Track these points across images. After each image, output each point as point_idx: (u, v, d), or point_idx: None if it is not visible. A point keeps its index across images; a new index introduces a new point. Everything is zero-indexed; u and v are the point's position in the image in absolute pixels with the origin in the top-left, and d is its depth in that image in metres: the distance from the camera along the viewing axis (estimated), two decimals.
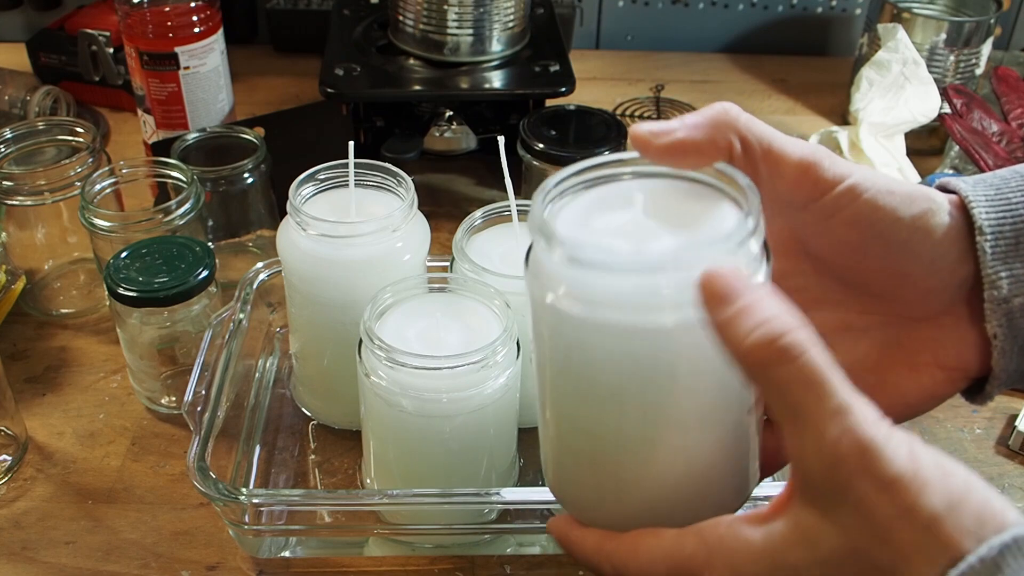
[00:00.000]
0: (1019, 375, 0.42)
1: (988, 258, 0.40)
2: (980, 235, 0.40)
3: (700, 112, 0.40)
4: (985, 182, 0.42)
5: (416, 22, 0.89)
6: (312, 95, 1.07)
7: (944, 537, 0.31)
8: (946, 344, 0.43)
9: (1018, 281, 0.40)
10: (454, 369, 0.53)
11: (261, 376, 0.72)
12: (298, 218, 0.60)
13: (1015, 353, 0.41)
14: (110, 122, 1.05)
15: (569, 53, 0.95)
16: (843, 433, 0.32)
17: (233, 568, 0.59)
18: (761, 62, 1.24)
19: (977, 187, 0.41)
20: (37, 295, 0.80)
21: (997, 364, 0.41)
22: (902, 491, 0.31)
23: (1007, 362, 0.41)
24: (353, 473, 0.66)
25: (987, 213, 0.40)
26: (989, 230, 0.40)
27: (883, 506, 0.31)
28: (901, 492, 0.31)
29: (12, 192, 0.75)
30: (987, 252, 0.40)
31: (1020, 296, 0.40)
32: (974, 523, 0.31)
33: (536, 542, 0.61)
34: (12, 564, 0.59)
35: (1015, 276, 0.40)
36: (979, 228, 0.40)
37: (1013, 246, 0.40)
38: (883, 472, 0.31)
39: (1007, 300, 0.40)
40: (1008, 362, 0.41)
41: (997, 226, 0.40)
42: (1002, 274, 0.40)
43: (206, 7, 0.86)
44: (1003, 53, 1.20)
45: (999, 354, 0.41)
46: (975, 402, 0.44)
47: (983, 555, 0.30)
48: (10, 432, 0.66)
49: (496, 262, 0.62)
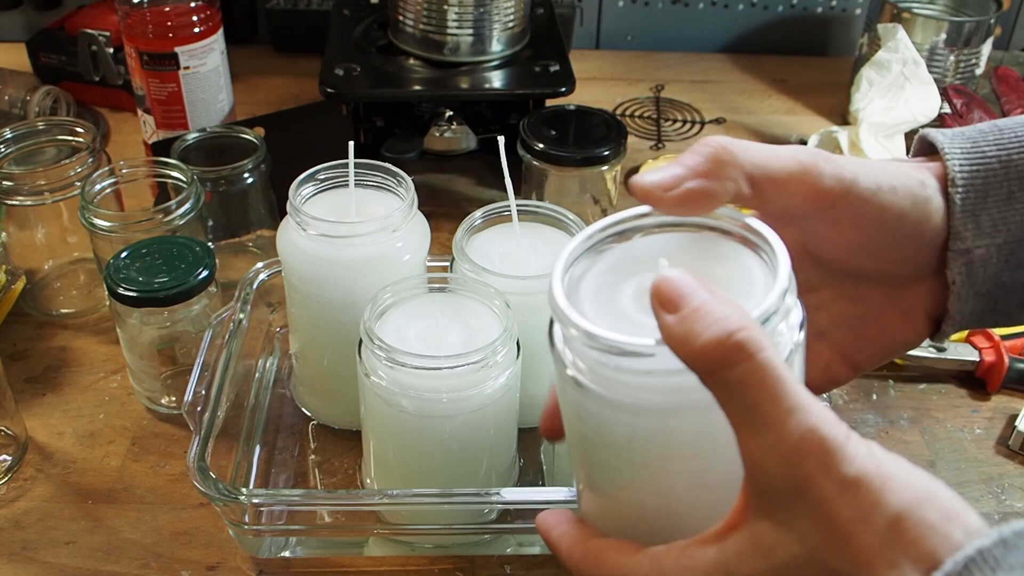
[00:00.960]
0: (974, 317, 0.44)
1: (957, 209, 0.42)
2: (952, 187, 0.42)
3: (697, 151, 0.39)
4: (963, 135, 0.43)
5: (416, 22, 0.89)
6: (312, 95, 1.07)
7: (909, 536, 0.30)
8: (936, 296, 0.45)
9: (981, 232, 0.42)
10: (454, 369, 0.53)
11: (261, 376, 0.72)
12: (298, 218, 0.60)
13: (970, 298, 0.43)
14: (110, 122, 1.05)
15: (569, 53, 0.95)
16: (804, 432, 0.31)
17: (233, 568, 0.59)
18: (761, 62, 1.24)
19: (955, 140, 0.43)
20: (37, 295, 0.80)
21: (953, 307, 0.43)
22: (864, 491, 0.30)
23: (962, 305, 0.43)
24: (353, 473, 0.66)
25: (960, 165, 0.42)
26: (961, 182, 0.41)
27: (843, 508, 0.30)
28: (863, 492, 0.30)
29: (12, 192, 0.75)
30: (957, 204, 0.42)
31: (980, 247, 0.42)
32: (940, 518, 0.30)
33: (536, 542, 0.61)
34: (12, 564, 0.59)
35: (980, 227, 0.42)
36: (951, 180, 0.42)
37: (982, 198, 0.41)
38: (844, 472, 0.30)
39: (968, 251, 0.42)
40: (963, 305, 0.43)
41: (969, 178, 0.42)
42: (968, 225, 0.42)
43: (206, 7, 0.87)
44: (1003, 53, 1.20)
45: (955, 298, 0.43)
46: (933, 339, 0.46)
47: (949, 570, 0.29)
48: (10, 432, 0.66)
49: (496, 262, 0.62)
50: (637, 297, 0.37)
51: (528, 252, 0.64)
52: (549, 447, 0.65)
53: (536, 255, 0.64)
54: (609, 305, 0.38)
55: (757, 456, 0.32)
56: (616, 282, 0.38)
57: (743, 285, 0.37)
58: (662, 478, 0.37)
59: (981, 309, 0.44)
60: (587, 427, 0.38)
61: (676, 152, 1.04)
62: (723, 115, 1.11)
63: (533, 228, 0.66)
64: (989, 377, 0.74)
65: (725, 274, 0.37)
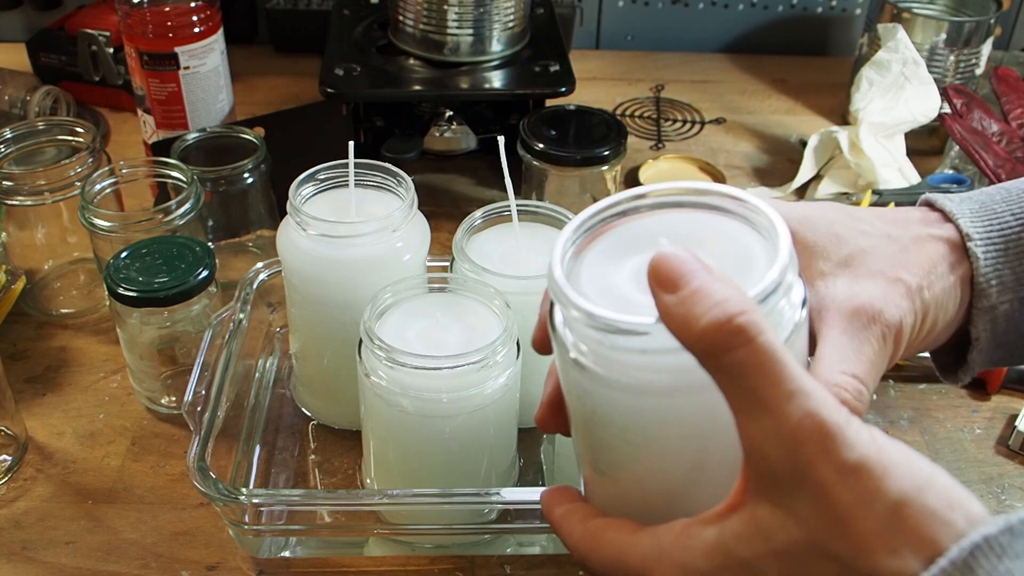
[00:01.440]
0: (990, 363, 0.45)
1: (981, 264, 0.41)
2: (970, 241, 0.41)
3: None
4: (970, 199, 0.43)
5: (416, 22, 0.89)
6: (312, 95, 1.07)
7: (910, 523, 0.30)
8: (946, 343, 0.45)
9: (1005, 288, 0.41)
10: (454, 369, 0.53)
11: (261, 376, 0.72)
12: (298, 218, 0.60)
13: (991, 349, 0.43)
14: (110, 122, 1.05)
15: (569, 53, 0.95)
16: (804, 416, 0.30)
17: (233, 568, 0.59)
18: (761, 62, 1.24)
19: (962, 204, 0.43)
20: (37, 295, 0.80)
21: (974, 360, 0.43)
22: (864, 477, 0.30)
23: (983, 357, 0.44)
24: (353, 473, 0.66)
25: (972, 223, 0.42)
26: (978, 237, 0.41)
27: (844, 493, 0.30)
28: (863, 478, 0.30)
29: (12, 192, 0.75)
30: (979, 258, 0.41)
31: (1005, 303, 0.42)
32: (942, 505, 0.30)
33: (536, 542, 0.61)
34: (12, 564, 0.59)
35: (1003, 283, 0.41)
36: (967, 235, 0.41)
37: (1003, 252, 0.41)
38: (845, 457, 0.30)
39: (994, 307, 0.42)
40: (984, 357, 0.44)
41: (985, 234, 0.41)
42: (992, 282, 0.41)
43: (206, 7, 0.87)
44: (1003, 53, 1.20)
45: (978, 353, 0.43)
46: (946, 379, 0.46)
47: (954, 557, 0.29)
48: (10, 432, 0.66)
49: (496, 262, 0.62)
50: (636, 277, 0.37)
51: (528, 252, 0.64)
52: (549, 447, 0.65)
53: (536, 255, 0.64)
54: (609, 285, 0.37)
55: (756, 440, 0.32)
56: (616, 262, 0.38)
57: (743, 262, 0.36)
58: (661, 458, 0.37)
59: (999, 357, 0.44)
60: (587, 407, 0.38)
61: (676, 152, 1.04)
62: (723, 115, 1.11)
63: (533, 228, 0.66)
64: (989, 377, 0.74)
65: (724, 251, 0.37)
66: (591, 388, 0.37)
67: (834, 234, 0.42)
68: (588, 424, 0.39)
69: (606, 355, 0.35)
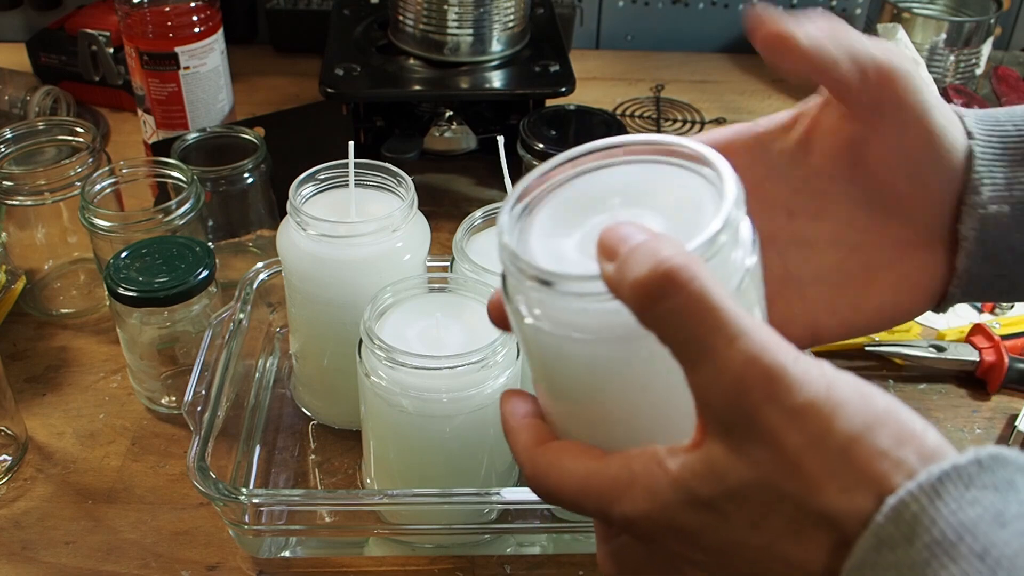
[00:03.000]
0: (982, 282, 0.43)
1: (976, 162, 0.41)
2: (971, 139, 0.42)
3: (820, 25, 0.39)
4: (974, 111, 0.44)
5: (416, 22, 0.89)
6: (312, 95, 1.07)
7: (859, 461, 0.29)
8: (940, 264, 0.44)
9: (997, 189, 0.41)
10: (454, 369, 0.53)
11: (261, 376, 0.72)
12: (298, 218, 0.60)
13: (980, 257, 0.42)
14: (110, 122, 1.05)
15: (569, 53, 0.95)
16: (746, 362, 0.30)
17: (233, 568, 0.59)
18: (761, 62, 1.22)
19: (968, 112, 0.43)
20: (37, 295, 0.80)
21: (961, 264, 0.42)
22: (812, 418, 0.30)
23: (971, 264, 0.42)
24: (353, 473, 0.66)
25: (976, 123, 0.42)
26: (979, 136, 0.42)
27: (792, 435, 0.30)
28: (812, 419, 0.30)
29: (12, 192, 0.75)
30: (977, 156, 0.41)
31: (996, 204, 0.41)
32: (892, 443, 0.30)
33: (536, 542, 0.61)
34: (12, 564, 0.59)
35: (995, 183, 0.41)
36: (969, 132, 0.42)
37: (999, 154, 0.41)
38: (792, 400, 0.30)
39: (984, 206, 0.41)
40: (972, 264, 0.42)
41: (985, 134, 0.42)
42: (984, 180, 0.41)
43: (206, 7, 0.87)
44: (1003, 53, 1.20)
45: (965, 255, 0.42)
46: (938, 309, 0.45)
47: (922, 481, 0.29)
48: (10, 432, 0.66)
49: (496, 262, 0.62)
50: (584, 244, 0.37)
51: None
52: None
53: None
54: (558, 254, 0.37)
55: (702, 389, 0.31)
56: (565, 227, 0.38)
57: (694, 212, 0.36)
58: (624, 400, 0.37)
59: (990, 274, 0.43)
60: (548, 365, 0.38)
61: None
62: (723, 115, 1.11)
63: None
64: (989, 377, 0.74)
65: (675, 203, 0.37)
66: (549, 345, 0.36)
67: None
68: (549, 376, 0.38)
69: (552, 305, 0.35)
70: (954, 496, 0.28)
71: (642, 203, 0.37)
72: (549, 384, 0.39)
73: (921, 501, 0.28)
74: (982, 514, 0.28)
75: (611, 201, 0.37)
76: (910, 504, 0.29)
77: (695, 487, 0.32)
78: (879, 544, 0.29)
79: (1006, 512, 0.28)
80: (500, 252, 0.36)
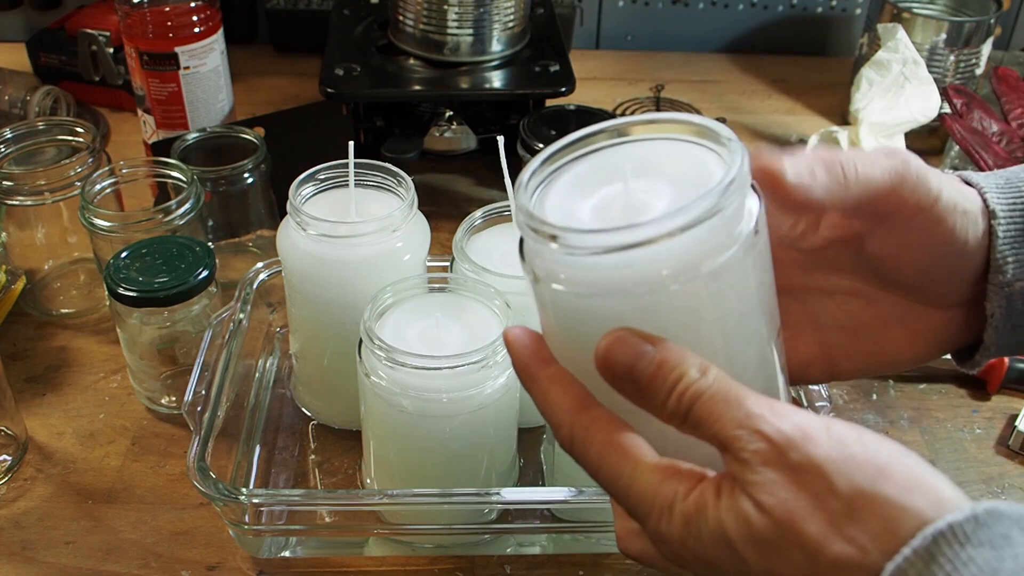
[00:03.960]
0: (1007, 348, 0.45)
1: (999, 242, 0.42)
2: (993, 219, 0.42)
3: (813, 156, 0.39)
4: (996, 174, 0.44)
5: (416, 22, 0.89)
6: (312, 95, 1.07)
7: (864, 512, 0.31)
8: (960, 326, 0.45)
9: (1021, 266, 0.42)
10: (454, 369, 0.53)
11: (261, 376, 0.72)
12: (298, 218, 0.60)
13: (1007, 330, 0.43)
14: (110, 122, 1.05)
15: (569, 53, 0.95)
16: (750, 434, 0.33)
17: (233, 568, 0.59)
18: (761, 62, 1.24)
19: (989, 178, 0.43)
20: (37, 295, 0.80)
21: (990, 338, 0.44)
22: (813, 475, 0.32)
23: (999, 337, 0.44)
24: (353, 473, 0.66)
25: (999, 199, 0.42)
26: (1002, 214, 0.42)
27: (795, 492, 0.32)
28: (813, 477, 0.32)
29: (12, 192, 0.75)
30: (999, 236, 0.42)
31: (1021, 281, 0.42)
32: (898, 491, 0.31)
33: (536, 542, 0.61)
34: (12, 564, 0.59)
35: (1020, 261, 0.42)
36: (992, 212, 0.42)
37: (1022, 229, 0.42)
38: (790, 460, 0.32)
39: (1009, 284, 0.42)
40: (1000, 336, 0.44)
41: (1008, 211, 0.42)
42: (1009, 259, 0.42)
43: (206, 7, 0.87)
44: (1003, 53, 1.20)
45: (993, 331, 0.43)
46: (964, 367, 0.46)
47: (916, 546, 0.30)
48: (10, 432, 0.66)
49: (496, 262, 0.62)
50: (597, 207, 0.38)
51: None
52: (549, 447, 0.65)
53: None
54: (572, 215, 0.38)
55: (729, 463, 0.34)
56: (580, 195, 0.39)
57: (701, 181, 0.36)
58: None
59: (1016, 341, 0.44)
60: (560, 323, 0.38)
61: None
62: (723, 115, 1.11)
63: None
64: (989, 377, 0.74)
65: (684, 172, 0.38)
66: (564, 304, 0.37)
67: None
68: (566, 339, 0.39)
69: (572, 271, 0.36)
70: (949, 557, 0.29)
71: (654, 173, 0.38)
72: (564, 347, 0.39)
73: (918, 565, 0.30)
74: (977, 574, 0.29)
75: (624, 172, 0.38)
76: (907, 569, 0.30)
77: (727, 527, 0.34)
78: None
79: (1001, 570, 0.29)
80: (516, 215, 0.37)
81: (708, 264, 0.35)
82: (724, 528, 0.34)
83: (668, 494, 0.35)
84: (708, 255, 0.34)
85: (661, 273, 0.34)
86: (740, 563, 0.34)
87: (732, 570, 0.34)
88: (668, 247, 0.34)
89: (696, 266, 0.34)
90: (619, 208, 0.38)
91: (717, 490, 0.34)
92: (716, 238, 0.35)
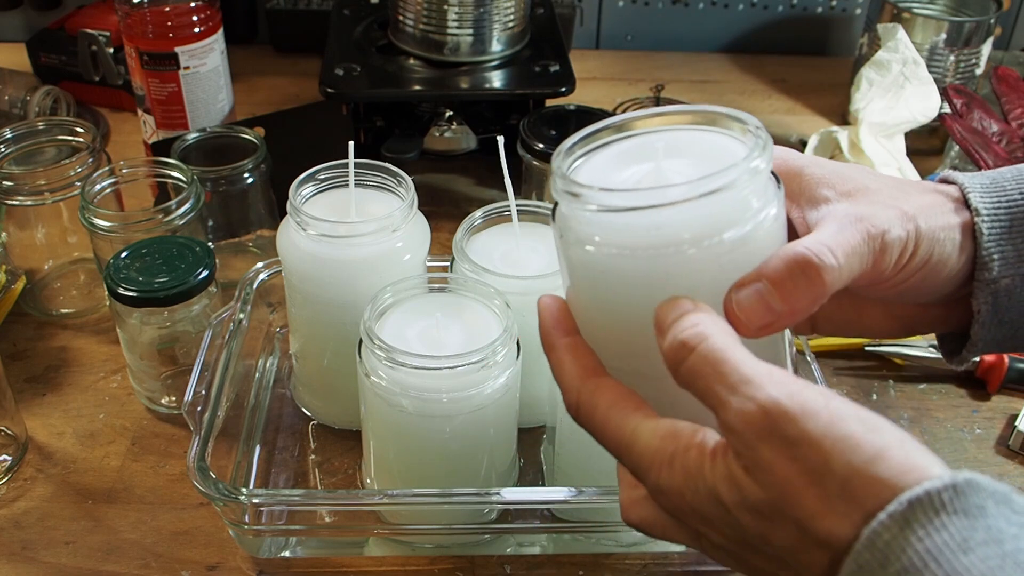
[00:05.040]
0: (995, 344, 0.45)
1: (984, 239, 0.43)
2: (977, 216, 0.43)
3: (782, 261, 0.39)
4: (981, 174, 0.45)
5: (416, 22, 0.89)
6: (312, 95, 1.07)
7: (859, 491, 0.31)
8: (946, 320, 0.47)
9: (1007, 263, 0.43)
10: (454, 369, 0.53)
11: (261, 376, 0.72)
12: (298, 218, 0.60)
13: (993, 325, 0.44)
14: (110, 122, 1.05)
15: (569, 53, 0.95)
16: (747, 406, 0.33)
17: (233, 568, 0.59)
18: (761, 62, 1.24)
19: (974, 179, 0.44)
20: (37, 295, 0.80)
21: (976, 334, 0.45)
22: (810, 449, 0.32)
23: (985, 332, 0.44)
24: (353, 473, 0.66)
25: (982, 198, 0.43)
26: (985, 212, 0.43)
27: (791, 466, 0.32)
28: (810, 451, 0.32)
29: (12, 192, 0.75)
30: (983, 233, 0.43)
31: (1007, 277, 0.43)
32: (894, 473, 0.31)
33: (536, 542, 0.61)
34: (12, 564, 0.59)
35: (1005, 258, 0.43)
36: (975, 210, 0.43)
37: (1007, 229, 0.43)
38: (788, 433, 0.32)
39: (995, 281, 0.43)
40: (986, 332, 0.44)
41: (992, 209, 0.43)
42: (994, 256, 0.42)
43: (206, 7, 0.87)
44: (1003, 53, 1.20)
45: (980, 326, 0.44)
46: (952, 363, 0.48)
47: (892, 511, 0.30)
48: (10, 432, 0.66)
49: (496, 262, 0.62)
50: (631, 178, 0.40)
51: (528, 252, 0.64)
52: (549, 447, 0.65)
53: (536, 255, 0.64)
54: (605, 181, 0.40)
55: (720, 426, 0.35)
56: (615, 166, 0.41)
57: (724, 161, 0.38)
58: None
59: (1003, 336, 0.45)
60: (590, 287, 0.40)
61: None
62: None
63: (533, 228, 0.66)
64: (989, 377, 0.74)
65: (710, 154, 0.40)
66: (594, 264, 0.39)
67: (841, 173, 0.44)
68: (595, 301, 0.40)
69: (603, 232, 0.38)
70: (923, 523, 0.30)
71: (682, 155, 0.41)
72: (588, 313, 0.41)
73: (892, 529, 0.30)
74: (948, 540, 0.29)
75: (657, 152, 0.40)
76: (882, 532, 0.30)
77: (721, 491, 0.34)
78: (859, 570, 0.31)
79: (972, 538, 0.29)
80: (553, 181, 0.39)
81: (731, 233, 0.37)
82: (718, 491, 0.34)
83: (668, 448, 0.36)
84: (732, 223, 0.37)
85: (684, 236, 0.36)
86: (735, 523, 0.35)
87: (727, 528, 0.35)
88: (694, 210, 0.36)
89: (719, 232, 0.37)
90: (651, 180, 0.40)
91: (713, 452, 0.35)
92: (738, 208, 0.37)
